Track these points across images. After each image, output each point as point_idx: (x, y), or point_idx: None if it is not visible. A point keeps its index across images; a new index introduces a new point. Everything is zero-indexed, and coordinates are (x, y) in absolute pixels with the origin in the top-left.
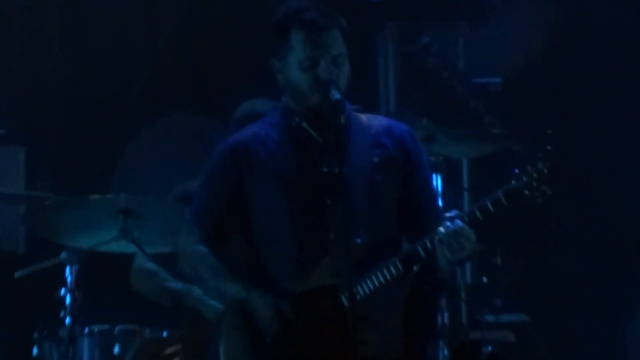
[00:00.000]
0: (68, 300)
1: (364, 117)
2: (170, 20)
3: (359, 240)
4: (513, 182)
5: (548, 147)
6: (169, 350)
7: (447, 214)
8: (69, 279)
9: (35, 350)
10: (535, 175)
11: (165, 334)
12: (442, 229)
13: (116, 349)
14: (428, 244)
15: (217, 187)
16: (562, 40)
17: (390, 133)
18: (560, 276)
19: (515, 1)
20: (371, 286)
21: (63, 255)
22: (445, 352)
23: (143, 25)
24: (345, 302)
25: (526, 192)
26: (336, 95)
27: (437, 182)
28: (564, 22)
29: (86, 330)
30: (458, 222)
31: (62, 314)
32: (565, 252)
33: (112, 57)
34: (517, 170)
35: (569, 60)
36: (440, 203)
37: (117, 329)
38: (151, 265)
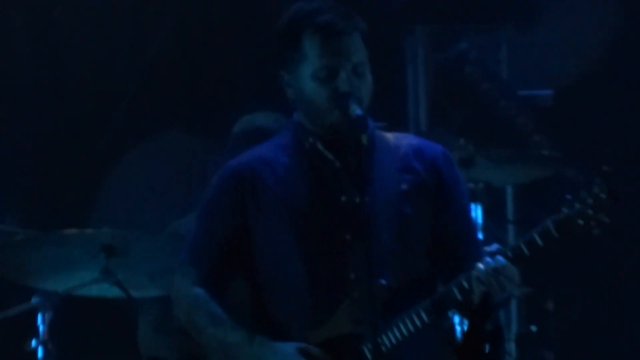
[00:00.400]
0: (40, 353)
1: (390, 137)
2: (159, 30)
3: (383, 282)
4: (564, 210)
5: (605, 167)
6: None
7: (487, 249)
8: (41, 329)
9: None
10: (590, 201)
11: None
12: (481, 266)
13: None
14: (465, 284)
15: (217, 219)
16: (624, 46)
17: (421, 155)
18: (625, 324)
19: (569, 0)
20: (398, 335)
21: (34, 300)
22: None
23: (128, 36)
24: (369, 355)
25: (580, 221)
26: (357, 110)
27: (477, 212)
28: (627, 25)
29: None
30: (500, 258)
31: None
32: (631, 294)
33: (93, 71)
34: (569, 196)
35: (632, 70)
36: (480, 237)
37: None
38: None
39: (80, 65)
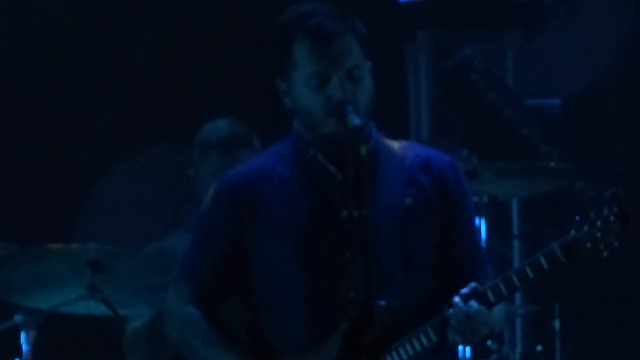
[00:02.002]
0: None
1: (396, 146)
2: (144, 38)
3: (383, 302)
4: (572, 232)
5: (615, 189)
6: None
7: (461, 291)
8: (24, 348)
9: None
10: (599, 224)
11: None
12: (451, 311)
13: None
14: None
15: (212, 234)
16: (634, 54)
17: (428, 167)
18: (632, 343)
19: (578, 5)
20: (404, 357)
21: (17, 318)
22: None
23: (113, 42)
24: None
25: (588, 244)
26: (355, 120)
27: (481, 227)
28: (635, 33)
29: None
30: (472, 304)
31: None
32: (638, 313)
33: (76, 81)
34: (577, 218)
35: None
36: (484, 255)
37: None
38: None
39: (63, 75)
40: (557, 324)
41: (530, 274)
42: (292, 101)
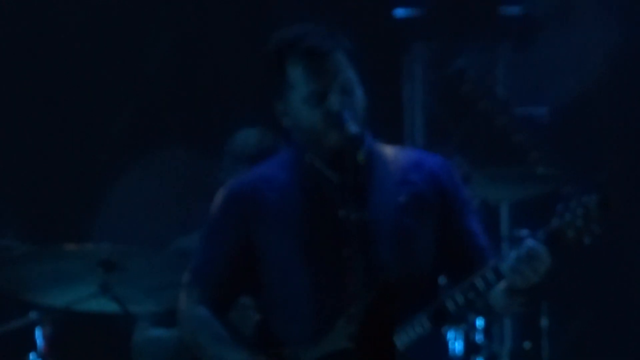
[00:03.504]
0: None
1: (389, 151)
2: (158, 46)
3: (380, 297)
4: (554, 221)
5: (597, 178)
6: None
7: (516, 233)
8: (39, 343)
9: None
10: (580, 211)
11: None
12: (513, 255)
13: None
14: (489, 277)
15: (220, 239)
16: (620, 65)
17: (420, 167)
18: (620, 341)
19: (567, 18)
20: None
21: (33, 315)
22: None
23: (127, 52)
24: None
25: (570, 232)
26: (353, 128)
27: None
28: (624, 43)
29: None
30: (530, 241)
31: None
32: (626, 311)
33: (93, 84)
34: (559, 206)
35: (628, 87)
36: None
37: None
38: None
39: (80, 79)
40: (544, 321)
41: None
42: (290, 120)
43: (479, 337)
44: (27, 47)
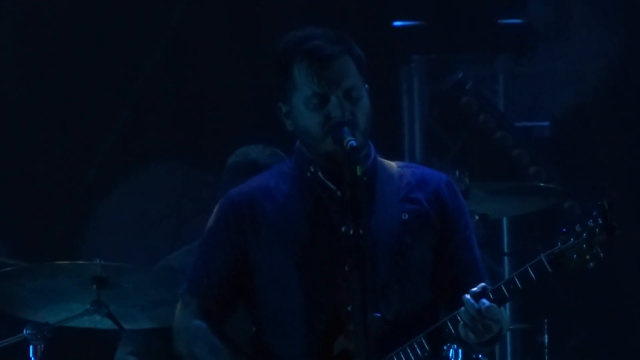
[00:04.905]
0: None
1: (393, 166)
2: (149, 59)
3: (378, 315)
4: (559, 244)
5: (600, 202)
6: None
7: (472, 290)
8: None
9: None
10: (585, 235)
11: None
12: (462, 310)
13: None
14: (459, 318)
15: (217, 250)
16: (621, 78)
17: (424, 185)
18: (623, 356)
19: (567, 30)
20: None
21: (26, 331)
22: None
23: (119, 63)
24: None
25: (575, 256)
26: (352, 142)
27: None
28: (623, 56)
29: None
30: (484, 301)
31: None
32: (624, 328)
33: (81, 101)
34: (564, 230)
35: (629, 101)
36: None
37: None
38: None
39: (70, 95)
40: (545, 338)
41: (520, 285)
42: (292, 123)
43: (480, 355)
44: (16, 61)
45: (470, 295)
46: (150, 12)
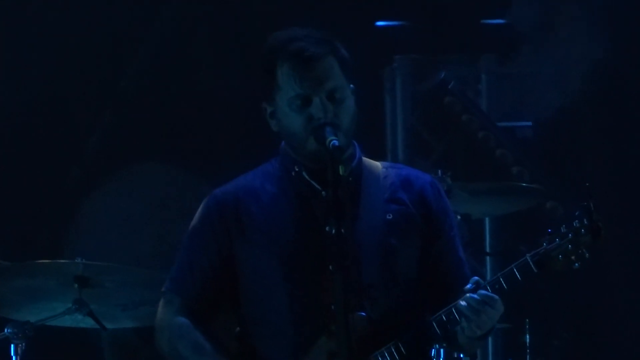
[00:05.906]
0: None
1: (378, 166)
2: (134, 57)
3: (363, 314)
4: (544, 244)
5: (586, 203)
6: None
7: (467, 287)
8: (13, 359)
9: None
10: (570, 236)
11: None
12: (463, 304)
13: None
14: (444, 318)
15: (200, 248)
16: (606, 79)
17: (409, 185)
18: (605, 357)
19: (551, 31)
20: None
21: (7, 330)
22: None
23: (102, 63)
24: None
25: (560, 256)
26: (334, 142)
27: None
28: (608, 58)
29: None
30: (482, 291)
31: None
32: (607, 329)
33: (65, 101)
34: (550, 231)
35: (611, 101)
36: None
37: None
38: None
39: (53, 95)
40: (527, 338)
41: (505, 285)
42: (277, 123)
43: (462, 355)
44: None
45: (469, 289)
46: (135, 13)
